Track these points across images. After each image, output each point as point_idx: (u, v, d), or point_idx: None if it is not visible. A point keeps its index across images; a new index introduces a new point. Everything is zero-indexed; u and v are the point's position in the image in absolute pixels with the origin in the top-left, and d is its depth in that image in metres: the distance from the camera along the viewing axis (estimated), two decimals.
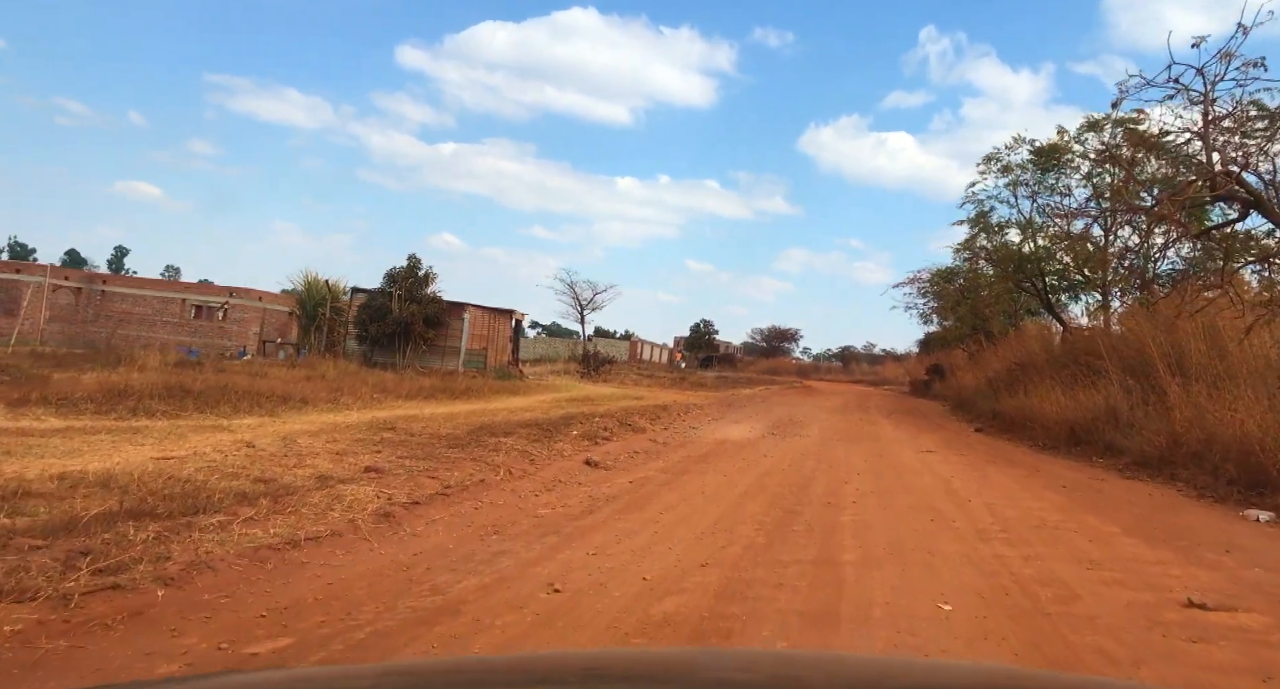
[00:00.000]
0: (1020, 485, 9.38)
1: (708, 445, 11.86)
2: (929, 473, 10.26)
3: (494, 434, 9.55)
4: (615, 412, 14.67)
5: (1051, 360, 21.90)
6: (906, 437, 16.51)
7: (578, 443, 10.03)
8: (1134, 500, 8.50)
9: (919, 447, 14.14)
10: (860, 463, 10.95)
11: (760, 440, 13.39)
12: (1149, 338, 14.80)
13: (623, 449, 10.22)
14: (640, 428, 12.80)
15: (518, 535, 5.29)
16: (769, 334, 79.95)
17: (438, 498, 5.90)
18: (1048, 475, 10.56)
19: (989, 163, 24.92)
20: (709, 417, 17.66)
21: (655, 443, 11.45)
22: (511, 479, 7.23)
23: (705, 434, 13.45)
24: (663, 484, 7.99)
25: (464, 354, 23.24)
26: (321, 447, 7.42)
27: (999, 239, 25.62)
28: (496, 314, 25.17)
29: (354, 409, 11.43)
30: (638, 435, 11.95)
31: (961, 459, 12.24)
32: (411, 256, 22.85)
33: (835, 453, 12.17)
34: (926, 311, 39.40)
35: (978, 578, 4.90)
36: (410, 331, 21.88)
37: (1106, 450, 13.36)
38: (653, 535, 5.56)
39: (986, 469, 10.94)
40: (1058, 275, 25.25)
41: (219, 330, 28.43)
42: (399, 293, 22.15)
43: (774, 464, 10.28)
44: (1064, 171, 24.24)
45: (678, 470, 9.02)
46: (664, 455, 10.25)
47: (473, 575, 4.28)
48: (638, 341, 51.97)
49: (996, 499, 8.12)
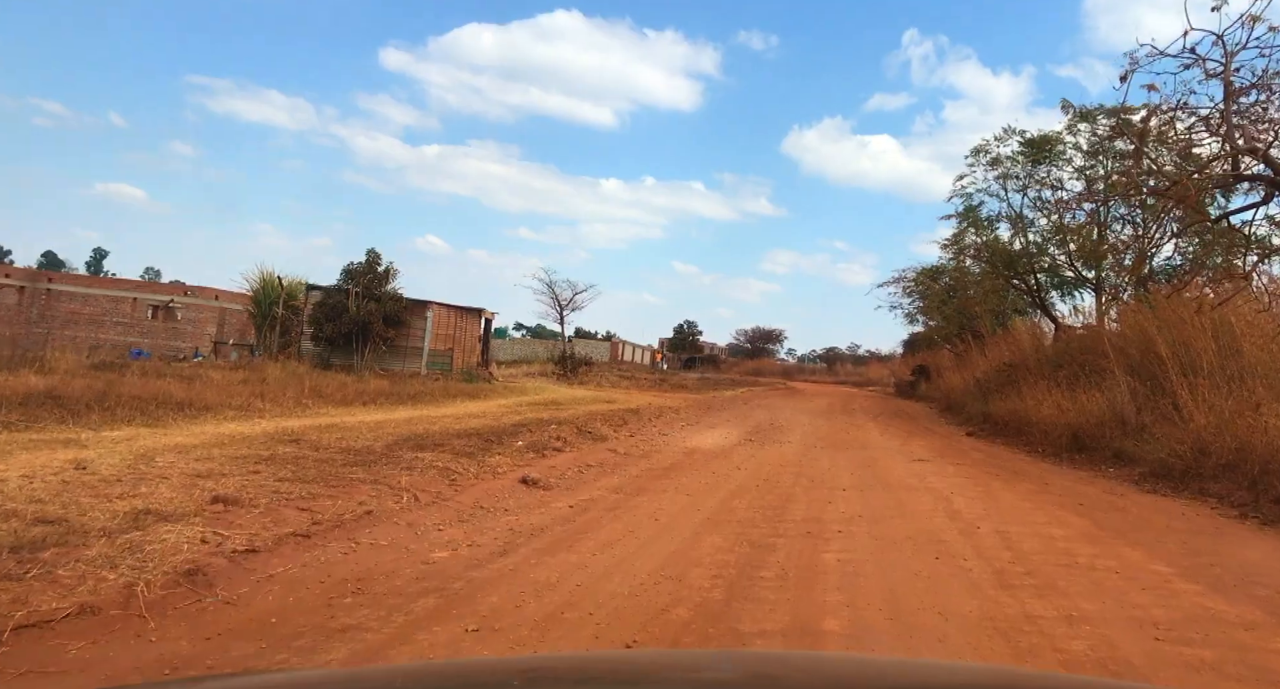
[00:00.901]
0: (1032, 504, 7.99)
1: (675, 456, 10.42)
2: (925, 489, 8.86)
3: (421, 447, 8.08)
4: (578, 417, 13.21)
5: (1044, 361, 20.66)
6: (896, 443, 15.13)
7: (519, 456, 8.56)
8: (1169, 524, 7.11)
9: (910, 454, 12.75)
10: (846, 476, 9.54)
11: (735, 449, 11.97)
12: (1158, 335, 13.48)
13: (573, 463, 8.77)
14: (601, 436, 11.34)
15: (384, 596, 3.83)
16: (753, 335, 78.68)
17: (292, 541, 4.43)
18: (1059, 490, 9.18)
19: (977, 155, 23.66)
20: (683, 421, 16.23)
21: (615, 453, 10.00)
22: (415, 508, 5.76)
23: (674, 442, 12.01)
24: (610, 509, 6.54)
25: (427, 355, 21.71)
26: (183, 467, 5.94)
27: (989, 234, 24.31)
28: (464, 313, 23.64)
29: (267, 417, 9.94)
30: (596, 445, 10.50)
31: (959, 470, 10.86)
32: (370, 252, 21.39)
33: (818, 464, 10.76)
34: (912, 311, 38.25)
35: (1011, 657, 3.49)
36: (368, 331, 20.32)
37: (1116, 459, 12.03)
38: (573, 593, 4.12)
39: (989, 483, 9.55)
40: (1049, 272, 23.99)
41: (172, 331, 26.78)
42: (356, 290, 20.60)
43: (748, 479, 8.85)
44: (1056, 163, 22.99)
45: (633, 489, 7.58)
46: (621, 469, 8.81)
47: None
48: (619, 342, 50.45)
49: (1009, 524, 6.72)
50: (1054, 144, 22.68)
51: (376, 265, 21.24)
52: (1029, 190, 23.46)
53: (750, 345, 78.13)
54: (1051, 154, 22.76)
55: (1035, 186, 23.60)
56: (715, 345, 76.19)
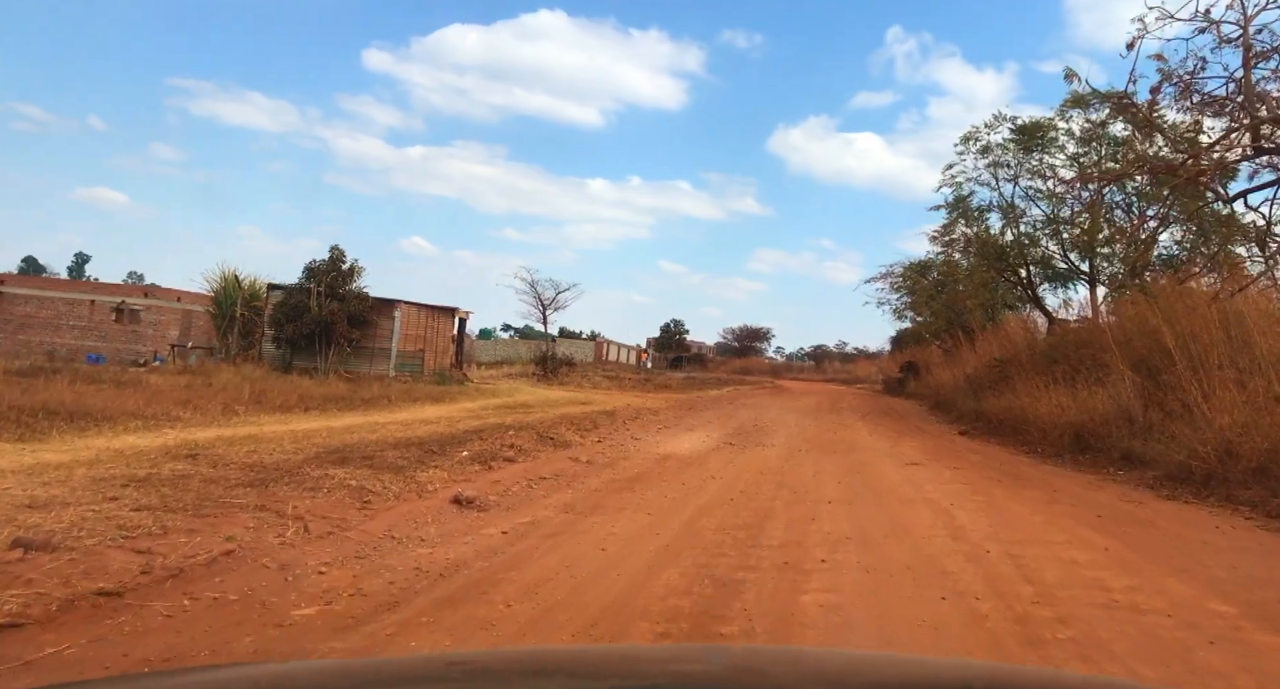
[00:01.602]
0: (1044, 517, 6.93)
1: (644, 464, 9.33)
2: (921, 499, 7.80)
3: (343, 461, 6.97)
4: (544, 421, 12.11)
5: (1038, 356, 19.70)
6: (886, 444, 14.09)
7: (460, 469, 7.45)
8: (1206, 540, 6.07)
9: (902, 457, 11.70)
10: (833, 486, 8.47)
11: (713, 454, 10.89)
12: (1164, 327, 12.48)
13: (523, 475, 7.66)
14: (565, 442, 10.24)
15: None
16: (741, 334, 77.69)
17: (89, 604, 3.30)
18: (1070, 499, 8.14)
19: (967, 143, 22.67)
20: (660, 424, 15.14)
21: (576, 463, 8.90)
22: (302, 541, 4.65)
23: (646, 448, 10.92)
24: (551, 535, 5.45)
25: (395, 357, 20.54)
26: (17, 493, 4.82)
27: (979, 225, 23.32)
28: (436, 312, 22.47)
29: (180, 427, 8.80)
30: (556, 453, 9.39)
31: (956, 475, 9.81)
32: (334, 248, 20.14)
33: (802, 470, 9.69)
34: (900, 307, 37.27)
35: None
36: (331, 332, 19.14)
37: (1124, 460, 11.02)
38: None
39: (991, 491, 8.50)
40: (1041, 264, 23.01)
41: (132, 334, 25.50)
42: (318, 289, 19.40)
43: (722, 491, 7.77)
44: (1048, 151, 22.02)
45: (587, 507, 6.48)
46: (579, 482, 7.71)
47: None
48: (603, 342, 49.27)
49: (1023, 545, 5.66)
50: (1046, 131, 21.71)
51: (340, 263, 20.03)
52: (1020, 179, 22.49)
53: (738, 344, 77.12)
54: (1044, 141, 21.79)
55: (1027, 176, 22.64)
56: (703, 344, 75.15)
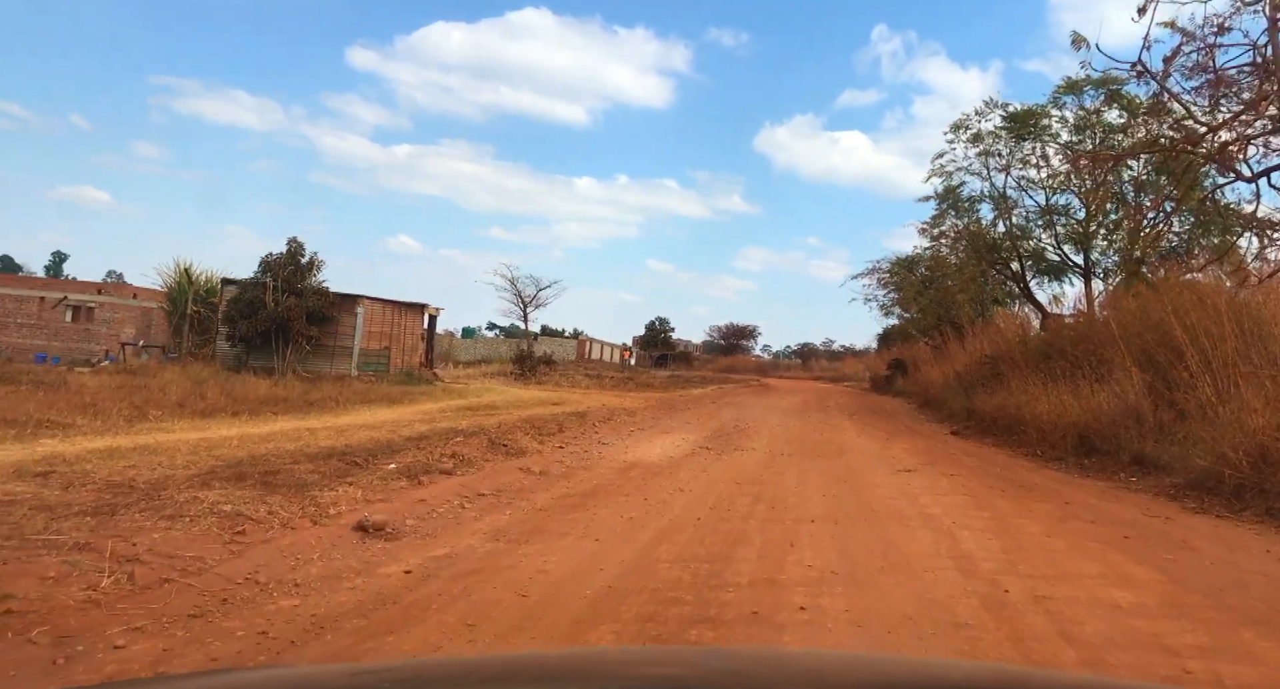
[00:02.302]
0: (1065, 540, 5.86)
1: (606, 474, 8.22)
2: (919, 516, 6.72)
3: (237, 478, 5.81)
4: (503, 425, 10.97)
5: (1031, 352, 18.72)
6: (875, 446, 13.04)
7: (382, 485, 6.32)
8: (1270, 572, 5.01)
9: (893, 462, 10.64)
10: (817, 498, 7.39)
11: (686, 460, 9.80)
12: (1174, 321, 11.47)
13: (457, 492, 6.53)
14: (519, 449, 9.11)
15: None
16: (727, 331, 76.67)
17: None
18: (1086, 512, 7.08)
19: (957, 131, 21.65)
20: (635, 426, 14.03)
21: (526, 474, 7.78)
22: (114, 597, 3.51)
23: (612, 454, 9.81)
24: (464, 575, 4.33)
25: (358, 355, 19.32)
26: None
27: (970, 216, 22.31)
28: (403, 309, 21.24)
29: (61, 437, 7.62)
30: (506, 463, 8.27)
31: (955, 483, 8.75)
32: (292, 240, 18.84)
33: (784, 479, 8.60)
34: (887, 304, 36.40)
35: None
36: (289, 329, 17.91)
37: (1136, 465, 10.00)
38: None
39: (996, 504, 7.43)
40: (1034, 257, 22.04)
41: (85, 333, 24.15)
42: (274, 283, 18.16)
43: (689, 507, 6.67)
44: (1041, 139, 21.03)
45: (522, 533, 5.36)
46: (523, 499, 6.59)
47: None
48: (586, 340, 48.01)
49: (1049, 582, 4.59)
50: (1039, 118, 20.72)
51: (299, 256, 18.77)
52: (1012, 169, 21.49)
53: (724, 342, 76.11)
54: (1036, 129, 20.79)
55: (1019, 165, 21.65)
56: (690, 343, 74.07)
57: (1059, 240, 21.36)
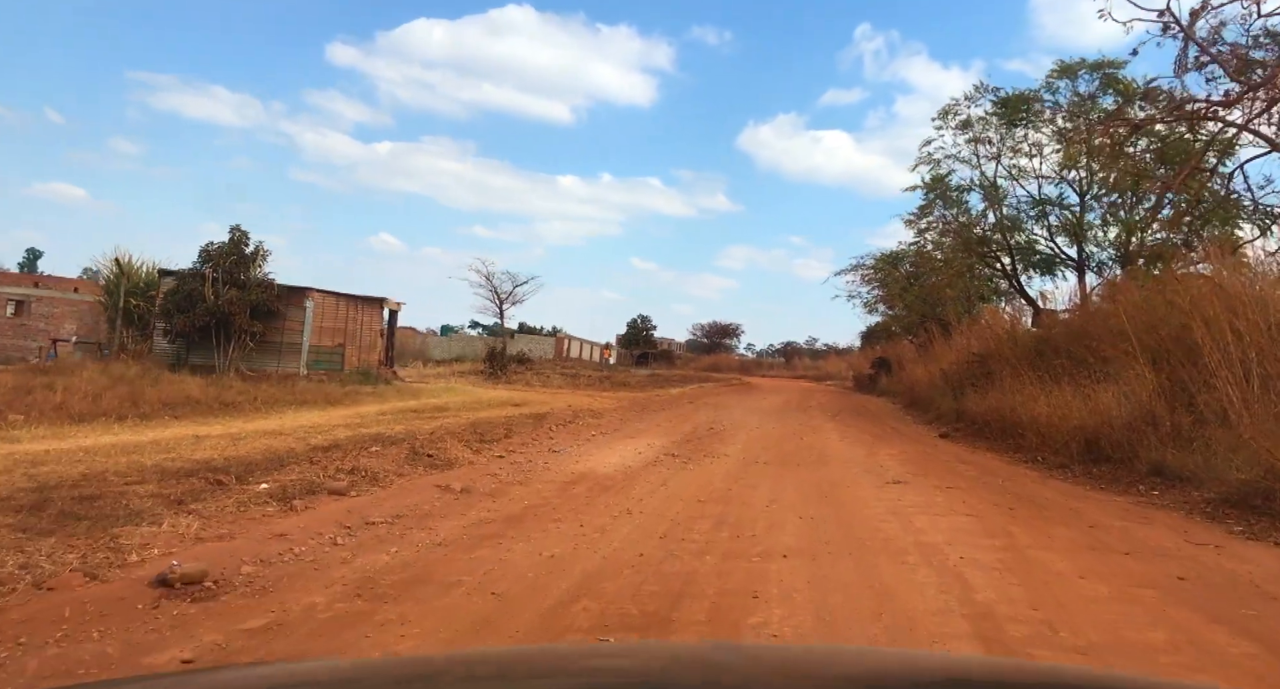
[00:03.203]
0: (1109, 586, 4.54)
1: (543, 491, 6.86)
2: (916, 547, 5.39)
3: (38, 506, 4.41)
4: (441, 430, 9.60)
5: (1024, 350, 17.53)
6: (860, 452, 11.75)
7: (235, 514, 4.93)
8: None
9: (881, 472, 9.35)
10: (792, 523, 6.06)
11: (646, 471, 8.46)
12: (1193, 314, 10.24)
13: (338, 520, 5.15)
14: (447, 460, 7.73)
15: None
16: (710, 330, 75.40)
17: None
18: (1119, 540, 5.79)
19: (946, 117, 20.43)
20: (598, 429, 12.67)
21: (444, 492, 6.40)
22: None
23: (561, 465, 8.44)
24: (277, 661, 2.95)
25: (307, 352, 17.83)
26: None
27: (959, 206, 21.08)
28: (359, 303, 19.73)
29: None
30: (422, 478, 6.89)
31: (954, 499, 7.45)
32: (235, 228, 17.24)
33: (755, 496, 7.27)
34: (871, 300, 35.21)
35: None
36: (230, 324, 16.41)
37: (1156, 476, 8.74)
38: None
39: (1008, 528, 6.13)
40: (1025, 250, 20.84)
41: (20, 329, 22.52)
42: (214, 275, 16.63)
43: (634, 537, 5.33)
44: (1033, 125, 19.83)
45: (396, 584, 3.99)
46: (423, 529, 5.21)
47: None
48: (564, 338, 46.50)
49: (1101, 653, 3.27)
50: (1031, 103, 19.53)
51: (243, 245, 17.24)
52: (1003, 157, 20.28)
53: (707, 340, 74.84)
54: (1029, 114, 19.59)
55: (1010, 154, 20.45)
56: (673, 341, 72.63)
57: (1052, 232, 20.19)
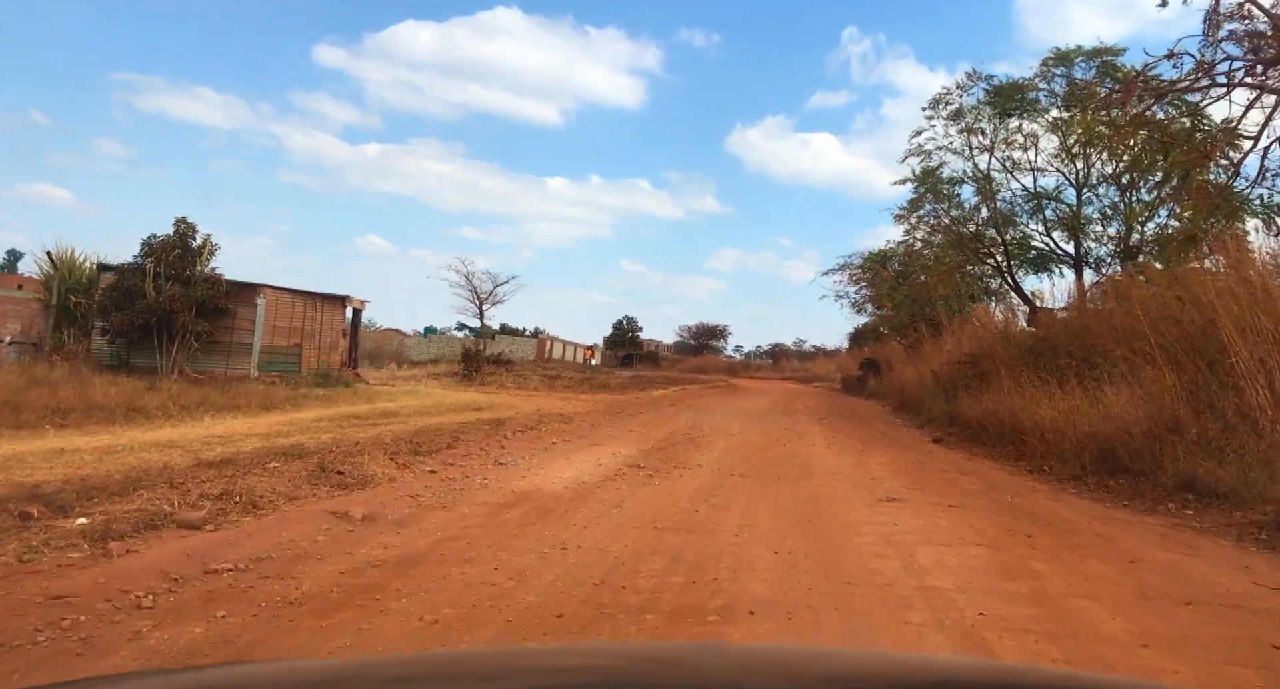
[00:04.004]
0: (1180, 655, 3.33)
1: (467, 518, 5.61)
2: (923, 598, 4.17)
3: None
4: (370, 441, 8.34)
5: (1020, 350, 16.43)
6: (849, 461, 10.55)
7: (29, 562, 3.66)
8: None
9: (874, 487, 8.15)
10: (765, 562, 4.83)
11: (603, 487, 7.23)
12: (1219, 309, 9.10)
13: (165, 568, 3.89)
14: (361, 479, 6.46)
15: None
16: (697, 331, 74.18)
17: None
18: (1172, 581, 4.59)
19: (937, 107, 19.27)
20: (562, 437, 11.43)
21: (341, 521, 5.15)
22: None
23: (503, 481, 7.19)
24: None
25: (258, 353, 16.48)
26: None
27: (951, 199, 19.93)
28: (318, 301, 18.36)
29: None
30: (319, 502, 5.63)
31: (960, 523, 6.25)
32: (180, 219, 15.79)
33: (725, 520, 6.05)
34: (859, 300, 34.11)
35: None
36: (173, 322, 15.06)
37: (1185, 490, 7.57)
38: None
39: (1031, 564, 4.91)
40: (1020, 246, 19.72)
41: None
42: (156, 269, 15.27)
43: (559, 586, 4.10)
44: (1028, 115, 18.71)
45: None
46: (284, 578, 3.96)
47: None
48: (547, 339, 45.07)
49: None
50: (1025, 92, 18.41)
51: (189, 238, 15.87)
52: (996, 149, 19.14)
53: (695, 342, 73.64)
54: (1023, 104, 18.48)
55: (1003, 146, 19.32)
56: (660, 343, 71.36)
57: (1048, 227, 19.07)
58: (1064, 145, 18.57)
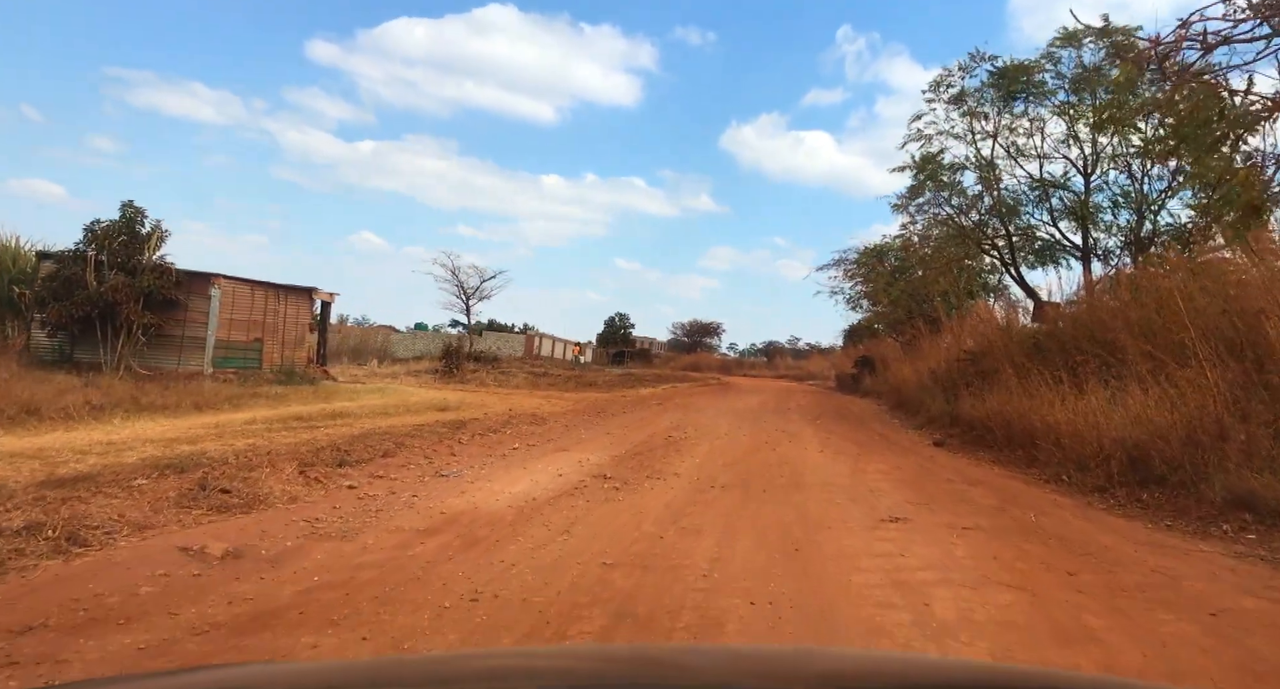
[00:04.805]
0: None
1: (376, 549, 4.42)
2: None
3: None
4: (293, 448, 7.12)
5: (1025, 347, 15.31)
6: (844, 468, 9.38)
7: None
8: None
9: (873, 501, 6.97)
10: (740, 611, 3.63)
11: (556, 504, 6.04)
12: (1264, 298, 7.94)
13: None
14: (250, 499, 5.24)
15: None
16: (691, 329, 72.98)
17: None
18: (1274, 644, 3.40)
19: (937, 89, 18.09)
20: (528, 440, 10.23)
21: (195, 560, 3.94)
22: None
23: (437, 497, 6.00)
24: None
25: (212, 348, 15.23)
26: None
27: (952, 187, 18.73)
28: (282, 293, 17.07)
29: None
30: (179, 532, 4.38)
31: (978, 550, 5.07)
32: (127, 204, 14.39)
33: (694, 551, 4.86)
34: (854, 296, 32.93)
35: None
36: (117, 315, 13.79)
37: (1238, 506, 6.41)
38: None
39: (1085, 617, 3.72)
40: (1025, 236, 18.55)
41: None
42: (98, 257, 13.97)
43: (461, 648, 2.87)
44: (1033, 98, 17.53)
45: None
46: (52, 660, 2.74)
47: None
48: (535, 336, 43.76)
49: None
50: (1032, 73, 17.22)
51: (136, 224, 14.60)
52: (1000, 135, 17.96)
53: (688, 339, 72.44)
54: (1029, 86, 17.29)
55: (1007, 133, 18.14)
56: (654, 340, 70.14)
57: (1054, 216, 17.90)
58: (1071, 130, 17.41)
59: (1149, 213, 16.71)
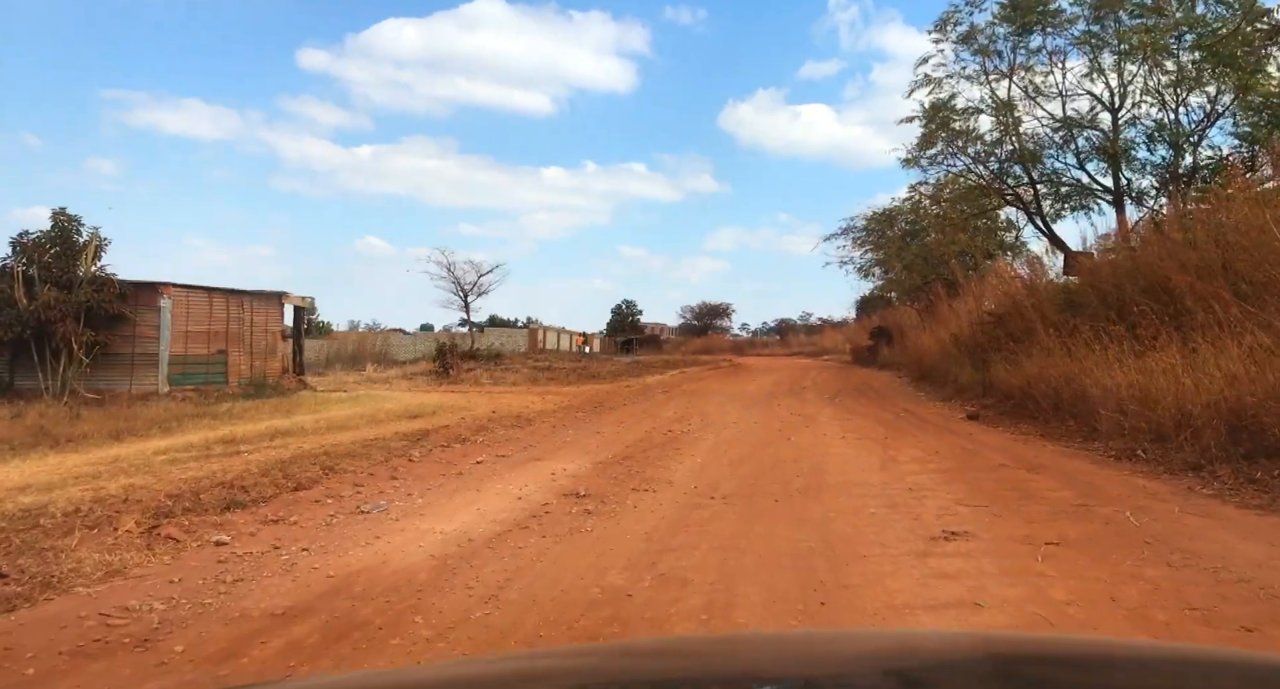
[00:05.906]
0: None
1: (185, 661, 2.84)
2: None
3: None
4: (174, 487, 5.59)
5: (1058, 304, 13.70)
6: (873, 460, 7.75)
7: None
8: None
9: (916, 508, 5.36)
10: None
11: (504, 541, 4.48)
12: None
13: None
14: (32, 584, 3.68)
15: None
16: (700, 312, 71.20)
17: None
18: None
19: (944, 28, 16.24)
20: (506, 447, 8.67)
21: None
22: None
23: (346, 542, 4.45)
24: None
25: (166, 364, 13.72)
26: None
27: (966, 132, 16.89)
28: (247, 300, 15.47)
29: None
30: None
31: (1088, 592, 3.45)
32: (59, 212, 12.78)
33: (673, 612, 3.26)
34: (865, 265, 31.01)
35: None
36: (52, 334, 12.29)
37: None
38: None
39: None
40: (1049, 182, 16.72)
41: None
42: (26, 272, 12.46)
43: None
44: (1050, 29, 15.67)
45: None
46: None
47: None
48: (539, 329, 42.27)
49: None
50: (1048, 1, 15.37)
51: (72, 234, 13.11)
52: (1016, 73, 16.12)
53: (698, 323, 70.68)
54: (1045, 16, 15.43)
55: (1023, 72, 16.30)
56: (664, 326, 68.45)
57: (1080, 159, 16.07)
58: (1095, 62, 15.56)
59: (1188, 145, 14.87)
